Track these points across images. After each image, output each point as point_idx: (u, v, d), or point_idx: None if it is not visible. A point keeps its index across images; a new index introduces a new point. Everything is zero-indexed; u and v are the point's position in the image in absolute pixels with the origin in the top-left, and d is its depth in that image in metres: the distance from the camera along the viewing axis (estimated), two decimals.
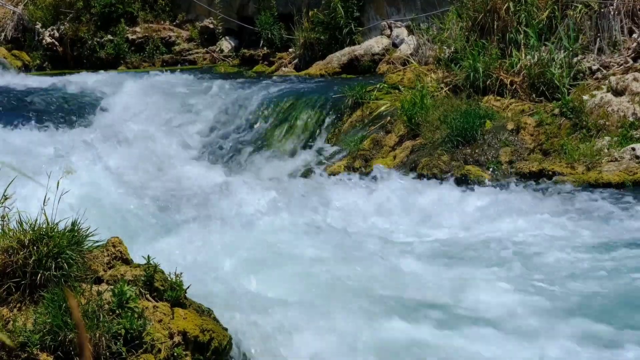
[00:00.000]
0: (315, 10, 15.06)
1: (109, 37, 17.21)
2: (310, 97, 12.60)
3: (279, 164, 11.70)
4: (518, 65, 10.97)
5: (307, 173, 11.06)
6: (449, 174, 9.62)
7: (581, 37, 11.08)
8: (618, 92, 9.94)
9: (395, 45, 13.96)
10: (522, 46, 11.21)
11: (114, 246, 5.46)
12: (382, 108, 11.46)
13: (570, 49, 10.77)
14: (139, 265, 5.43)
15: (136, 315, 5.03)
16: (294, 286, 6.54)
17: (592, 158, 9.26)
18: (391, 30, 14.29)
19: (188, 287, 5.41)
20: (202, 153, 12.48)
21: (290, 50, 15.80)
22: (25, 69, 17.10)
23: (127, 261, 5.46)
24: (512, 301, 6.41)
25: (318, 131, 11.98)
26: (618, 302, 6.35)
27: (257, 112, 12.77)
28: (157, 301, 5.28)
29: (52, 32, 17.53)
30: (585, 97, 10.07)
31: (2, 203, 5.27)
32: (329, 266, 6.87)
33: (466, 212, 8.67)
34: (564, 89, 10.38)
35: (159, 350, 5.07)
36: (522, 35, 11.27)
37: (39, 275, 5.03)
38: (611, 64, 10.68)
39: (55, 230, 5.12)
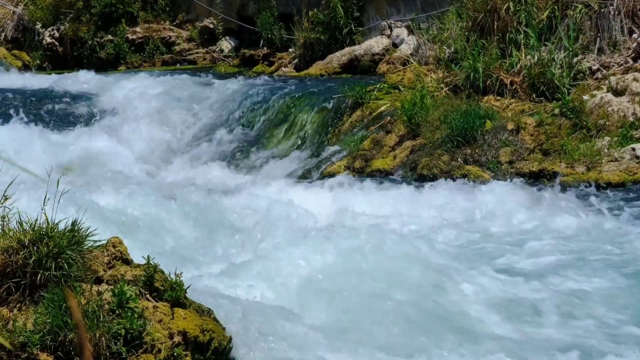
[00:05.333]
0: (315, 10, 15.05)
1: (109, 37, 17.19)
2: (310, 97, 12.59)
3: (278, 164, 11.68)
4: (518, 65, 10.97)
5: (306, 173, 11.05)
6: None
7: (581, 37, 11.08)
8: (618, 92, 9.94)
9: (395, 45, 13.95)
10: (522, 46, 11.21)
11: (114, 246, 5.45)
12: (382, 108, 11.45)
13: (570, 49, 10.77)
14: (139, 265, 5.42)
15: (136, 315, 5.03)
16: None
17: (592, 158, 9.26)
18: (391, 30, 14.28)
19: (188, 287, 5.41)
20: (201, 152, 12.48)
21: (290, 50, 15.78)
22: (26, 69, 17.08)
23: (127, 261, 5.45)
24: None
25: (318, 131, 11.96)
26: None
27: (257, 111, 12.75)
28: (157, 301, 5.28)
29: (52, 32, 17.52)
30: (585, 97, 10.07)
31: (2, 203, 5.26)
32: None
33: None
34: (564, 89, 10.37)
35: (159, 350, 5.06)
36: (522, 35, 11.27)
37: (39, 275, 5.03)
38: (611, 64, 10.68)
39: (55, 230, 5.12)
